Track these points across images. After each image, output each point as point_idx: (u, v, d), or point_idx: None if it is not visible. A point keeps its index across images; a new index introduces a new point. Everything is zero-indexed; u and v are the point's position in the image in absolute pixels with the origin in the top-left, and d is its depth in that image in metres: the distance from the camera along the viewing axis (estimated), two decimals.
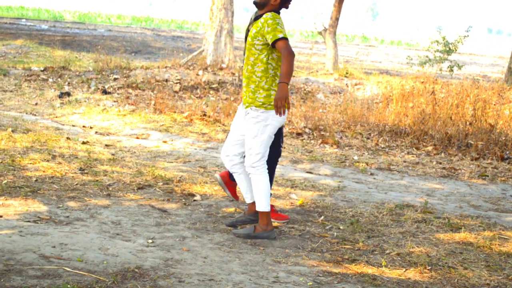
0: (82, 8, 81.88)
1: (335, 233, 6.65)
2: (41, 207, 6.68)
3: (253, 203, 6.49)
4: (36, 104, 13.73)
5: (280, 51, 6.00)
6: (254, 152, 6.18)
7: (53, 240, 5.72)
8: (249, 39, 6.16)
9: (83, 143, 9.96)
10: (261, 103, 6.14)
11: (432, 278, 5.61)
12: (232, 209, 7.24)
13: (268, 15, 6.09)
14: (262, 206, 6.25)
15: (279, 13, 6.28)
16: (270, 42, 6.01)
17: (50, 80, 16.39)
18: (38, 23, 43.27)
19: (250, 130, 6.17)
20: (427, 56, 21.84)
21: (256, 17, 6.40)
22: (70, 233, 5.95)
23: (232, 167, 6.48)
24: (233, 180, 6.89)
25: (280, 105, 5.91)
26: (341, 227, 6.85)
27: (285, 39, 6.01)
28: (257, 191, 6.26)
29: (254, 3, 6.24)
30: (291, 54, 5.96)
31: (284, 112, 6.01)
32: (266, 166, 6.30)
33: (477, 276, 5.71)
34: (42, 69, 17.66)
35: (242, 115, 6.35)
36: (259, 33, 6.09)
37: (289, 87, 6.15)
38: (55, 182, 7.66)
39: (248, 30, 6.38)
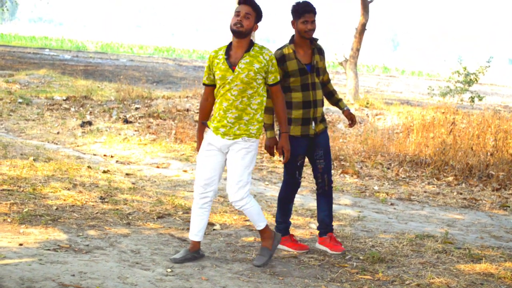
0: (105, 38, 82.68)
1: (354, 263, 6.62)
2: (61, 235, 6.71)
3: (198, 241, 6.34)
4: (58, 133, 13.84)
5: (276, 94, 6.24)
6: (243, 184, 6.16)
7: (73, 268, 5.74)
8: (251, 73, 6.02)
9: (104, 172, 10.01)
10: (253, 134, 6.14)
11: None
12: (251, 238, 7.24)
13: (271, 53, 6.18)
14: (262, 224, 6.37)
15: None
16: (271, 82, 6.17)
17: (72, 109, 16.52)
18: (61, 53, 43.72)
19: (241, 161, 6.12)
20: (448, 87, 21.82)
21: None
22: (90, 262, 5.97)
23: (203, 205, 6.29)
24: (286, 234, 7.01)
25: (288, 155, 6.39)
26: (361, 257, 6.82)
27: (280, 84, 6.30)
28: (253, 217, 6.31)
29: (236, 32, 6.04)
30: (284, 100, 6.36)
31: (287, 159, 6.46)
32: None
33: None
34: (64, 98, 17.81)
35: (219, 149, 6.19)
36: (262, 69, 6.08)
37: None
38: (76, 210, 7.69)
39: (228, 61, 6.13)
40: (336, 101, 7.11)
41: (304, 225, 8.01)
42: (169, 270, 5.99)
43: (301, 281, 6.03)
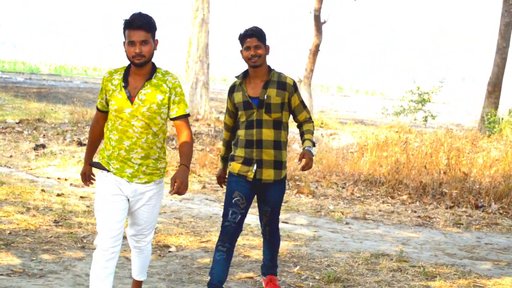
0: (58, 60, 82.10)
1: (310, 283, 6.64)
2: (14, 260, 6.63)
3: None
4: (11, 156, 13.68)
5: (180, 129, 5.10)
6: (153, 228, 5.33)
7: None
8: (153, 106, 4.94)
9: (58, 195, 9.92)
10: (163, 173, 5.18)
11: None
12: (207, 260, 7.22)
13: (175, 80, 5.12)
14: (145, 275, 5.59)
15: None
16: (174, 115, 5.05)
17: (25, 132, 16.36)
18: (14, 75, 43.32)
19: (154, 207, 5.18)
20: (401, 106, 22.11)
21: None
22: (44, 286, 5.91)
23: (108, 262, 5.00)
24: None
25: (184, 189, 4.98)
26: (316, 277, 6.84)
27: (188, 115, 5.22)
28: (145, 263, 5.49)
29: (136, 64, 4.96)
30: (191, 136, 5.20)
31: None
32: None
33: None
34: (17, 121, 17.64)
35: (125, 195, 5.06)
36: (166, 100, 5.01)
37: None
38: (29, 234, 7.61)
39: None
40: (303, 140, 5.94)
41: (260, 246, 8.01)
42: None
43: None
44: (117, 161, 5.00)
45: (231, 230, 5.72)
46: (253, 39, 5.68)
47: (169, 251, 7.50)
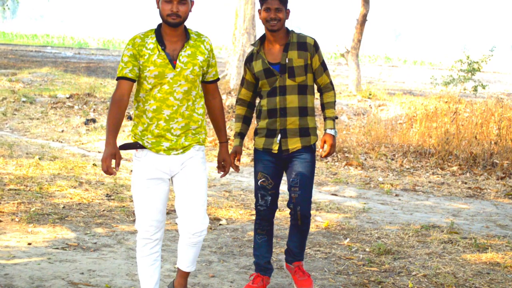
0: (106, 34, 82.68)
1: (361, 255, 6.65)
2: (69, 234, 6.76)
3: None
4: (62, 131, 13.88)
5: (214, 94, 4.91)
6: (206, 206, 4.75)
7: (81, 266, 5.79)
8: (195, 68, 4.61)
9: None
10: (202, 142, 4.78)
11: None
12: None
13: (210, 41, 4.84)
14: (194, 266, 4.94)
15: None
16: (212, 78, 4.83)
17: (76, 107, 16.57)
18: (63, 50, 43.80)
19: (201, 176, 4.69)
20: (450, 76, 21.82)
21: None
22: (98, 259, 6.01)
23: (152, 250, 4.76)
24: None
25: (228, 169, 5.09)
26: (367, 249, 6.85)
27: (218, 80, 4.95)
28: (196, 253, 4.86)
29: (170, 23, 4.57)
30: (222, 102, 5.02)
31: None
32: None
33: None
34: (67, 96, 17.86)
35: (163, 173, 4.66)
36: (206, 62, 4.71)
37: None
38: (82, 208, 7.74)
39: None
40: (324, 117, 5.52)
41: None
42: (176, 266, 6.03)
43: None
44: (152, 136, 4.59)
45: (264, 212, 5.44)
46: (275, 1, 5.16)
47: (220, 224, 7.57)
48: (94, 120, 14.79)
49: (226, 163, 5.04)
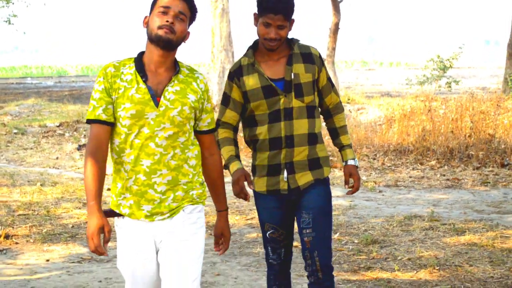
0: (84, 61, 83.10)
1: (350, 247, 7.28)
2: (81, 249, 7.34)
3: None
4: (57, 158, 14.43)
5: (211, 148, 3.82)
6: (199, 280, 3.65)
7: (98, 276, 6.38)
8: (185, 109, 3.57)
9: (108, 189, 10.61)
10: (198, 200, 3.69)
11: (441, 277, 6.22)
12: (254, 235, 7.88)
13: (205, 78, 3.79)
14: None
15: None
16: (206, 127, 3.78)
17: (67, 134, 17.13)
18: (44, 80, 44.34)
19: (192, 246, 3.60)
20: (424, 75, 22.55)
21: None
22: (113, 269, 6.60)
23: None
24: None
25: (227, 245, 4.02)
26: (355, 241, 7.48)
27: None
28: None
29: (162, 40, 3.51)
30: (221, 159, 4.00)
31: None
32: None
33: (482, 271, 6.32)
34: (57, 124, 18.43)
35: (147, 245, 3.62)
36: (198, 103, 3.67)
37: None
38: None
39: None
40: (339, 146, 4.56)
41: None
42: None
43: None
44: (131, 194, 3.57)
45: (279, 267, 4.51)
46: (279, 17, 4.07)
47: None
48: (85, 145, 15.35)
49: (225, 239, 3.95)
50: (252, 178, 4.32)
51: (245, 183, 4.20)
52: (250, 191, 4.55)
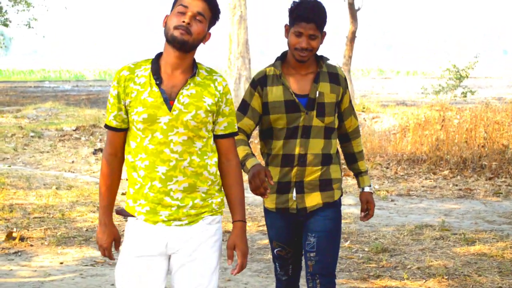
0: (101, 65, 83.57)
1: (360, 255, 7.35)
2: (95, 252, 7.44)
3: None
4: (73, 162, 14.57)
5: (229, 154, 3.57)
6: None
7: (111, 279, 6.48)
8: (200, 113, 3.39)
9: (123, 194, 10.73)
10: (216, 210, 3.56)
11: (450, 286, 6.29)
12: (265, 241, 7.95)
13: (225, 81, 3.55)
14: None
15: None
16: (222, 131, 3.54)
17: (83, 138, 17.29)
18: (61, 83, 44.67)
19: (209, 259, 3.47)
20: (439, 85, 22.57)
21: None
22: None
23: None
24: None
25: (244, 261, 3.63)
26: (366, 249, 7.55)
27: (237, 134, 3.67)
28: None
29: (178, 41, 3.35)
30: (240, 166, 3.72)
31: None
32: None
33: (490, 281, 6.38)
34: (74, 128, 18.60)
35: (159, 252, 3.45)
36: (216, 106, 3.47)
37: None
38: None
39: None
40: (356, 172, 4.55)
41: None
42: None
43: None
44: (146, 201, 3.42)
45: (287, 282, 4.52)
46: (311, 26, 4.01)
47: None
48: (101, 150, 15.50)
49: (240, 252, 3.58)
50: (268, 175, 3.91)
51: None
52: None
